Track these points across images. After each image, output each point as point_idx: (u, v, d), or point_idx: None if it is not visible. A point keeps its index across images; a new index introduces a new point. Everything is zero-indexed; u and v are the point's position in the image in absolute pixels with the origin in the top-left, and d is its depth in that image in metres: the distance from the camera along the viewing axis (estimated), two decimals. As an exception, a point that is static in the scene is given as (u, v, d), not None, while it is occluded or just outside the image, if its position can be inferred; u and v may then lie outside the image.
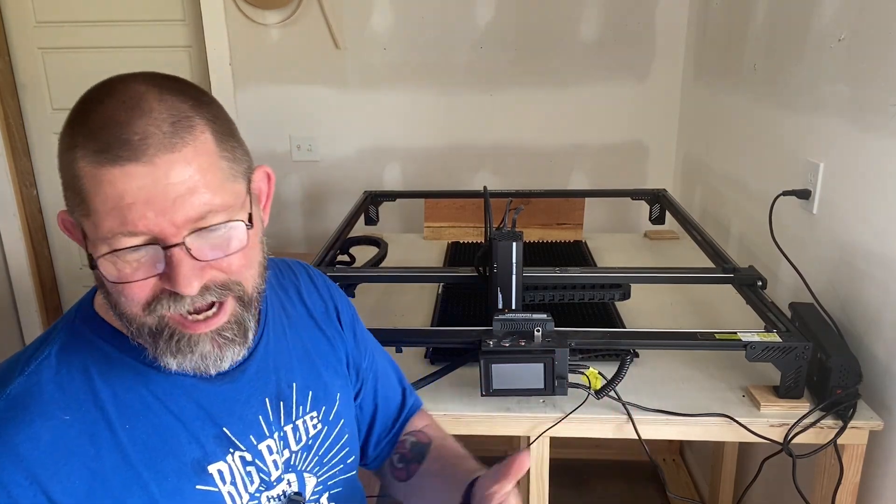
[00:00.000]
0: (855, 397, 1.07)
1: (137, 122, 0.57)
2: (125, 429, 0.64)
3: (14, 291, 2.56)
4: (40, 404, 0.62)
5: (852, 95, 1.21)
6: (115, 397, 0.65)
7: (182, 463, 0.67)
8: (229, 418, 0.71)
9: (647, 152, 2.37)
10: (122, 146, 0.56)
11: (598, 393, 1.10)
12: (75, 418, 0.62)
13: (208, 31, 2.29)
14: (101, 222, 0.58)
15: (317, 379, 0.83)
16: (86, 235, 0.60)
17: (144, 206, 0.57)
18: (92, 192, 0.57)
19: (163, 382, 0.68)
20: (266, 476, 0.74)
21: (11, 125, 2.43)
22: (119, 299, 0.62)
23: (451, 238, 2.02)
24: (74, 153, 0.58)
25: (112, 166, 0.57)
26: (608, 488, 2.20)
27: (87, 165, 0.57)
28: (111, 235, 0.58)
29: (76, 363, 0.65)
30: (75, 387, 0.64)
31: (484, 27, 2.26)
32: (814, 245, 1.35)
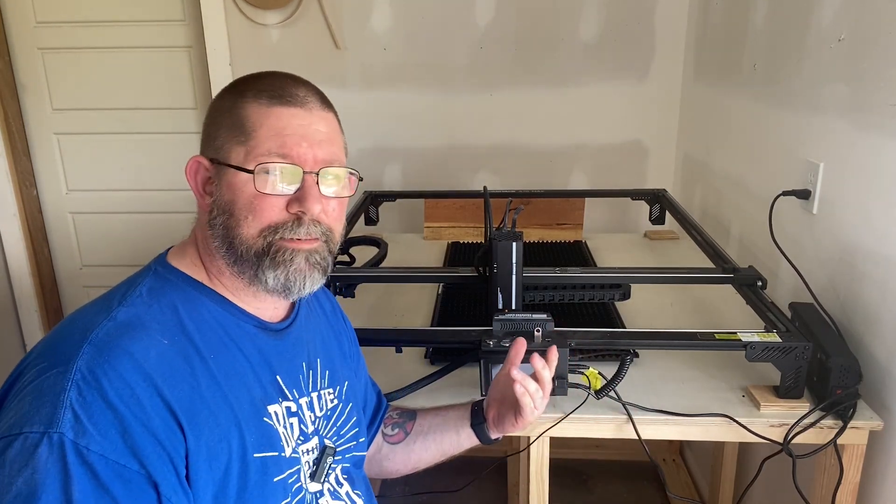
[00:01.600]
0: (855, 397, 1.07)
1: (301, 87, 0.79)
2: (211, 357, 0.74)
3: (14, 291, 2.57)
4: (143, 327, 0.70)
5: (852, 95, 1.21)
6: (199, 331, 0.74)
7: (252, 396, 0.76)
8: (281, 368, 0.81)
9: (647, 152, 2.37)
10: (290, 96, 0.77)
11: (598, 393, 1.10)
12: (172, 343, 0.71)
13: (208, 31, 2.29)
14: (260, 145, 0.74)
15: (332, 362, 0.94)
16: (223, 163, 0.75)
17: (301, 137, 0.76)
18: (258, 122, 0.75)
19: (233, 326, 0.78)
20: (305, 428, 0.83)
21: (11, 125, 2.43)
22: (243, 220, 0.75)
23: (451, 238, 2.02)
24: (244, 98, 0.76)
25: (281, 106, 0.76)
26: (608, 488, 2.19)
27: (259, 105, 0.76)
28: (266, 154, 0.74)
29: (165, 300, 0.74)
30: (167, 318, 0.73)
31: (484, 27, 2.26)
32: (814, 245, 1.35)
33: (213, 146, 0.77)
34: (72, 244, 2.64)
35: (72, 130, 2.48)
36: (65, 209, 2.60)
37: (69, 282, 2.68)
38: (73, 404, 0.62)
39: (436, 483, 2.01)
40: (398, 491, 2.11)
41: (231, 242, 0.76)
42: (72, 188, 2.57)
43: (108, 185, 2.55)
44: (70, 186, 2.57)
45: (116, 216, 2.57)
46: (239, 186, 0.75)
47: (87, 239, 2.63)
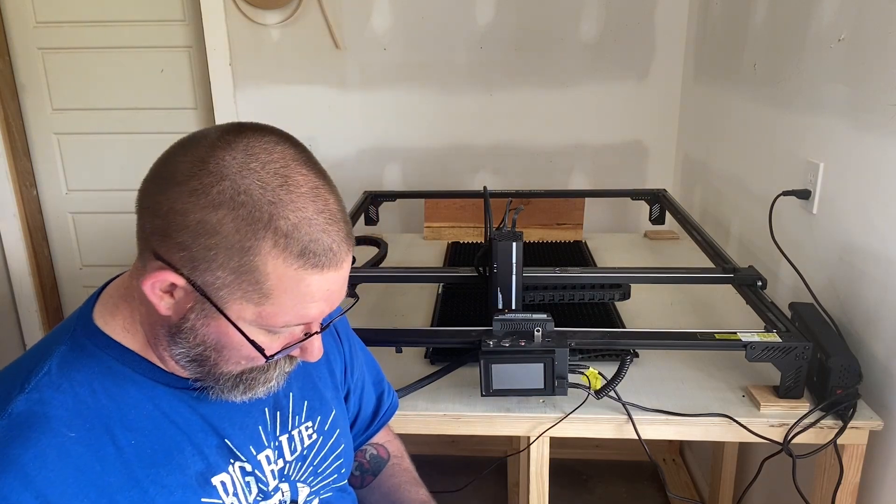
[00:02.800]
0: (855, 397, 1.07)
1: (333, 230, 0.61)
2: (131, 444, 0.64)
3: (14, 291, 2.57)
4: (44, 422, 0.60)
5: (852, 95, 1.21)
6: (119, 412, 0.64)
7: (187, 477, 0.67)
8: (231, 428, 0.72)
9: (647, 152, 2.37)
10: (325, 253, 0.60)
11: (598, 393, 1.10)
12: (80, 435, 0.61)
13: (208, 31, 2.29)
14: (279, 314, 0.62)
15: (312, 389, 0.84)
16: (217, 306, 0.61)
17: (324, 303, 0.63)
18: (281, 289, 0.60)
19: (167, 396, 0.68)
20: (264, 486, 0.75)
21: (11, 125, 2.43)
22: (233, 363, 0.66)
23: (451, 238, 2.02)
24: (260, 246, 0.58)
25: (313, 273, 0.61)
26: (608, 488, 2.19)
27: (286, 267, 0.59)
28: (284, 325, 0.63)
29: (79, 378, 0.64)
30: (79, 403, 0.63)
31: (484, 27, 2.26)
32: (814, 245, 1.35)
33: (202, 278, 0.60)
34: (72, 244, 2.64)
35: (72, 130, 2.48)
36: (65, 209, 2.60)
37: (69, 282, 2.68)
38: None
39: (436, 483, 2.01)
40: (398, 491, 2.11)
41: (205, 371, 0.66)
42: (72, 188, 2.57)
43: (108, 185, 2.55)
44: (70, 186, 2.57)
45: (116, 216, 2.57)
46: (234, 342, 0.64)
47: (87, 239, 2.63)
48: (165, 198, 0.59)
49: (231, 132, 0.61)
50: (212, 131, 0.62)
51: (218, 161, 0.59)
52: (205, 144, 0.60)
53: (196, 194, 0.58)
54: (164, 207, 0.59)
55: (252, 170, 0.59)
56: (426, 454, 2.15)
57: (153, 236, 0.61)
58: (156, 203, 0.60)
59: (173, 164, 0.61)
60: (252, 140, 0.61)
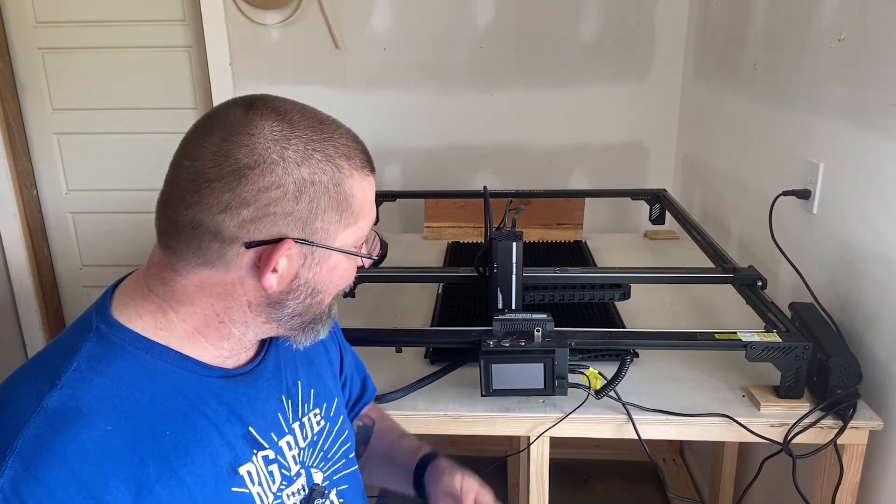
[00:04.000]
0: (855, 397, 1.07)
1: (360, 141, 0.72)
2: (165, 435, 0.64)
3: (14, 291, 2.56)
4: (80, 416, 0.60)
5: (852, 95, 1.21)
6: (152, 405, 0.65)
7: (219, 467, 0.68)
8: (253, 417, 0.73)
9: (647, 152, 2.37)
10: (369, 158, 0.72)
11: (598, 393, 1.10)
12: (116, 428, 0.61)
13: (208, 31, 2.29)
14: (371, 219, 0.72)
15: (317, 378, 0.87)
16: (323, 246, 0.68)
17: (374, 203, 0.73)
18: (362, 201, 0.70)
19: (195, 386, 0.69)
20: (287, 472, 0.76)
21: (11, 125, 2.43)
22: (333, 292, 0.74)
23: (451, 238, 2.02)
24: (342, 171, 0.67)
25: (371, 175, 0.71)
26: (608, 488, 2.19)
27: (360, 179, 0.69)
28: (367, 229, 0.72)
29: (108, 372, 0.64)
30: (112, 396, 0.63)
31: (484, 27, 2.26)
32: (814, 245, 1.35)
33: (314, 228, 0.66)
34: (72, 244, 2.64)
35: (72, 130, 2.48)
36: (65, 209, 2.60)
37: (69, 282, 2.68)
38: None
39: (436, 483, 2.01)
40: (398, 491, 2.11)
41: (309, 315, 0.73)
42: (72, 188, 2.57)
43: (108, 185, 2.55)
44: (70, 186, 2.57)
45: (116, 216, 2.57)
46: (344, 266, 0.72)
47: (87, 239, 2.63)
48: (244, 188, 0.63)
49: (250, 106, 0.66)
50: (232, 112, 0.66)
51: (266, 134, 0.64)
52: (243, 128, 0.64)
53: (276, 166, 0.63)
54: (249, 195, 0.63)
55: (296, 124, 0.66)
56: (426, 454, 2.16)
57: (241, 230, 0.64)
58: (230, 201, 0.63)
59: (220, 162, 0.63)
60: (268, 104, 0.67)
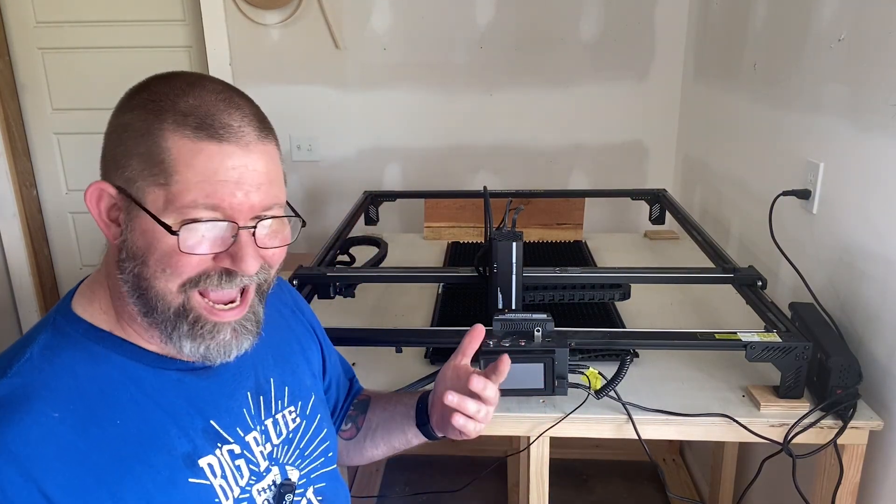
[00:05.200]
0: (855, 397, 1.07)
1: (234, 113, 0.64)
2: (115, 424, 0.64)
3: (14, 291, 2.57)
4: (28, 402, 0.61)
5: (852, 95, 1.21)
6: (102, 394, 0.65)
7: (173, 457, 0.67)
8: (216, 411, 0.73)
9: (647, 152, 2.37)
10: (223, 127, 0.63)
11: (598, 393, 1.10)
12: (64, 415, 0.62)
13: (208, 31, 2.29)
14: (184, 192, 0.61)
15: (292, 375, 0.86)
16: (136, 203, 0.63)
17: (235, 185, 0.63)
18: (181, 162, 0.61)
19: (150, 378, 0.68)
20: (256, 467, 0.75)
21: (11, 125, 2.43)
22: (159, 273, 0.64)
23: (451, 238, 2.02)
24: (162, 122, 0.62)
25: (211, 142, 0.62)
26: (608, 488, 2.19)
27: (182, 138, 0.62)
28: (192, 206, 0.62)
29: (60, 362, 0.65)
30: (62, 384, 0.63)
31: (484, 27, 2.26)
32: (814, 245, 1.35)
33: (123, 175, 0.63)
34: (72, 244, 2.64)
35: (72, 130, 2.48)
36: (65, 209, 2.60)
37: (69, 282, 2.68)
38: None
39: (436, 483, 2.01)
40: (398, 491, 2.12)
41: (144, 293, 0.65)
42: (72, 188, 2.57)
43: (108, 185, 2.54)
44: (70, 186, 2.57)
45: (116, 216, 2.57)
46: (156, 237, 0.63)
47: (87, 239, 2.63)
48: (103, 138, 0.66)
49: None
50: None
51: (138, 89, 0.66)
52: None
53: (120, 110, 0.66)
54: (104, 138, 0.66)
55: (168, 81, 0.65)
56: (426, 454, 2.17)
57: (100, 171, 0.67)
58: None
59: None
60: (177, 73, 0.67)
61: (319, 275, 1.34)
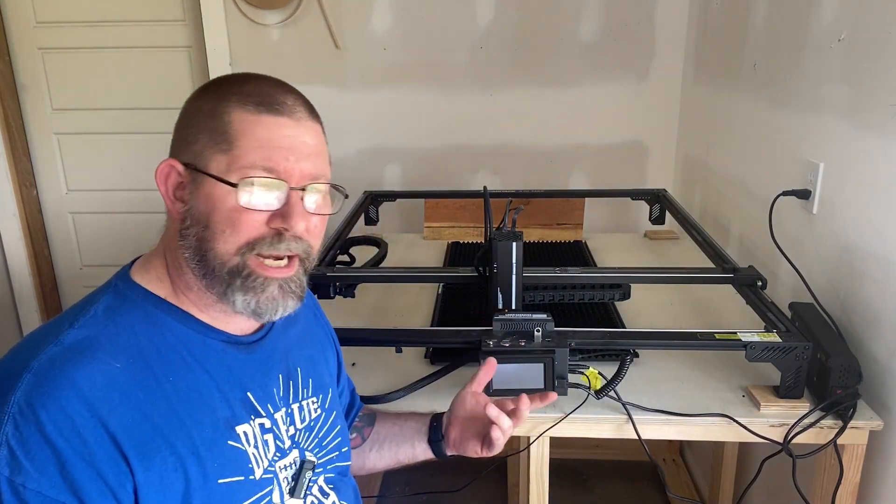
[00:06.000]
0: (855, 397, 1.07)
1: (288, 95, 0.75)
2: (169, 381, 0.70)
3: (14, 291, 2.57)
4: (93, 351, 0.67)
5: (852, 95, 1.21)
6: (158, 353, 0.71)
7: (216, 419, 0.73)
8: (252, 385, 0.78)
9: (647, 152, 2.37)
10: (279, 104, 0.73)
11: (598, 393, 1.10)
12: (125, 366, 0.68)
13: (208, 31, 2.29)
14: (243, 155, 0.70)
15: (315, 370, 0.91)
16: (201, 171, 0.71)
17: (287, 150, 0.72)
18: (243, 130, 0.71)
19: (199, 344, 0.74)
20: (281, 443, 0.80)
21: (11, 125, 2.43)
22: (219, 234, 0.71)
23: (451, 238, 2.02)
24: (227, 102, 0.72)
25: (269, 115, 0.72)
26: (608, 488, 2.19)
27: (244, 112, 0.71)
28: (250, 167, 0.70)
29: (122, 321, 0.71)
30: (123, 340, 0.69)
31: (484, 27, 2.26)
32: (814, 245, 1.35)
33: (191, 151, 0.72)
34: (72, 244, 2.64)
35: (72, 130, 2.48)
36: (65, 209, 2.60)
37: (69, 282, 2.68)
38: (10, 439, 0.61)
39: (436, 483, 2.01)
40: (398, 491, 2.12)
41: (204, 255, 0.72)
42: (72, 188, 2.57)
43: (108, 185, 2.55)
44: (70, 186, 2.57)
45: (116, 216, 2.57)
46: (218, 198, 0.70)
47: (87, 239, 2.63)
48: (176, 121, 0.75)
49: None
50: None
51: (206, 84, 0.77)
52: None
53: (189, 101, 0.75)
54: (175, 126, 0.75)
55: (230, 76, 0.76)
56: (426, 454, 2.16)
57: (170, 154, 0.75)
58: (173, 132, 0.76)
59: None
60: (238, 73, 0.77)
61: (319, 275, 1.34)
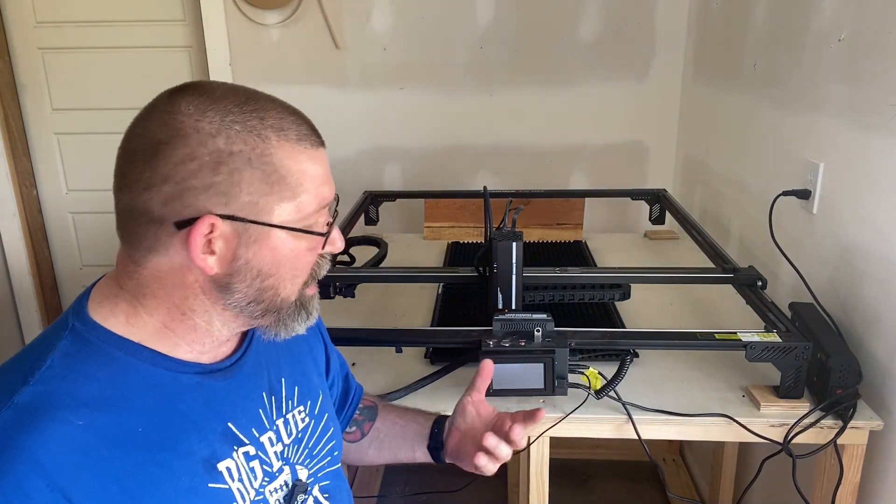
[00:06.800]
0: (855, 397, 1.07)
1: (306, 122, 0.69)
2: (138, 431, 0.64)
3: (14, 291, 2.57)
4: (50, 410, 0.60)
5: (852, 95, 1.21)
6: (125, 401, 0.65)
7: (194, 462, 0.68)
8: (233, 413, 0.73)
9: (647, 152, 2.37)
10: (313, 133, 0.69)
11: (598, 393, 1.10)
12: (88, 423, 0.61)
13: (208, 31, 2.29)
14: (311, 199, 0.67)
15: (301, 375, 0.87)
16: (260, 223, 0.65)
17: (328, 185, 0.70)
18: (301, 175, 0.66)
19: (170, 383, 0.68)
20: (269, 468, 0.76)
21: (11, 125, 2.43)
22: (289, 279, 0.70)
23: (451, 238, 2.02)
24: (268, 142, 0.64)
25: (315, 149, 0.68)
26: (608, 488, 2.19)
27: (294, 153, 0.66)
28: (318, 209, 0.69)
29: (82, 370, 0.64)
30: (84, 392, 0.63)
31: (484, 27, 2.26)
32: (814, 245, 1.35)
33: (240, 202, 0.63)
34: (72, 244, 2.64)
35: (72, 130, 2.48)
36: (65, 209, 2.60)
37: (69, 282, 2.68)
38: None
39: (436, 483, 2.01)
40: (398, 491, 2.12)
41: (265, 305, 0.70)
42: (72, 188, 2.57)
43: (108, 185, 2.50)
44: (70, 186, 2.57)
45: (116, 216, 2.57)
46: (289, 246, 0.67)
47: (87, 239, 2.63)
48: (160, 163, 0.62)
49: (176, 90, 0.66)
50: (159, 96, 0.66)
51: (182, 108, 0.63)
52: (163, 106, 0.64)
53: (190, 138, 0.62)
54: (166, 170, 0.62)
55: (217, 99, 0.64)
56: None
57: (166, 208, 0.63)
58: (150, 178, 0.63)
59: (139, 141, 0.64)
60: (194, 85, 0.66)
61: (319, 275, 1.34)
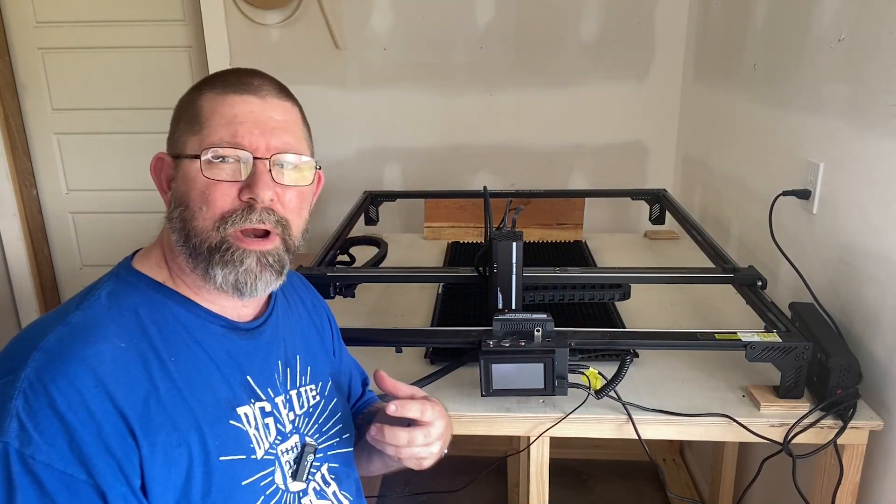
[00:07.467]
0: (855, 397, 1.07)
1: (257, 77, 0.78)
2: (171, 360, 0.72)
3: (14, 291, 2.57)
4: (98, 331, 0.69)
5: (852, 95, 1.21)
6: (161, 334, 0.73)
7: (218, 398, 0.75)
8: (252, 369, 0.80)
9: (647, 152, 2.37)
10: (244, 85, 0.77)
11: (598, 393, 1.10)
12: (129, 346, 0.70)
13: (208, 31, 2.29)
14: (213, 133, 0.74)
15: (313, 358, 0.92)
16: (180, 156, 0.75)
17: (252, 125, 0.75)
18: (210, 111, 0.75)
19: (199, 328, 0.77)
20: (282, 427, 0.81)
21: (11, 125, 2.43)
22: (197, 211, 0.74)
23: (451, 238, 2.02)
24: (201, 92, 0.77)
25: (234, 95, 0.76)
26: (608, 488, 2.20)
27: (213, 95, 0.76)
28: (218, 143, 0.74)
29: (125, 304, 0.74)
30: (126, 321, 0.72)
31: (484, 27, 2.26)
32: (814, 245, 1.35)
33: (172, 140, 0.78)
34: (72, 244, 2.64)
35: (72, 130, 2.48)
36: (65, 209, 2.60)
37: (69, 282, 2.68)
38: (20, 413, 0.62)
39: (436, 483, 2.01)
40: (398, 491, 2.12)
41: (187, 235, 0.75)
42: (72, 188, 2.57)
43: (108, 185, 2.55)
44: (70, 186, 2.57)
45: (116, 216, 2.57)
46: (192, 176, 0.74)
47: (87, 239, 2.63)
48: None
49: None
50: None
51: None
52: None
53: (179, 100, 0.79)
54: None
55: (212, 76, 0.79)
56: (426, 454, 2.16)
57: None
58: None
59: None
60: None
61: (319, 275, 1.34)
